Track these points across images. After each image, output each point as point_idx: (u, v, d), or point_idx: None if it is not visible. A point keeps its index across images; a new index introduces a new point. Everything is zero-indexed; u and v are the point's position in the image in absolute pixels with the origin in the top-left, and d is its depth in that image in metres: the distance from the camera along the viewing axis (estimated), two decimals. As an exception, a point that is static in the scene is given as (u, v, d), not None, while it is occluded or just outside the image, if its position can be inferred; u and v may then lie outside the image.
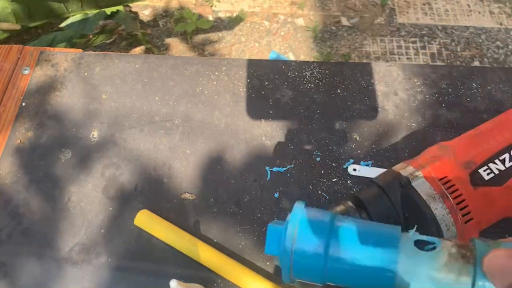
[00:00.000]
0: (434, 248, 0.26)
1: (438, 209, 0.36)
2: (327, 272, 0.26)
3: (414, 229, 0.27)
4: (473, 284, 0.23)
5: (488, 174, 0.38)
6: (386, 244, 0.26)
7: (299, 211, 0.28)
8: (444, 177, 0.37)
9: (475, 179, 0.37)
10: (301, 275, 0.28)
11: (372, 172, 0.47)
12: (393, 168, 0.41)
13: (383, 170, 0.47)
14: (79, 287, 0.43)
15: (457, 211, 0.36)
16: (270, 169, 0.48)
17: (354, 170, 0.47)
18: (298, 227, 0.27)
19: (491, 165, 0.38)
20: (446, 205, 0.36)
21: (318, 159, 0.48)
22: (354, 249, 0.26)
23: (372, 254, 0.26)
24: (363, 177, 0.47)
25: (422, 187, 0.37)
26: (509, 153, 0.38)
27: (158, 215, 0.46)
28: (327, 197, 0.46)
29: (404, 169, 0.39)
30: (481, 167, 0.38)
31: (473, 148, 0.40)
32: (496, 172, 0.38)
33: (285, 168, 0.48)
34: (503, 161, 0.38)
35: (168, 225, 0.44)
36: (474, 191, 0.37)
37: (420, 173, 0.38)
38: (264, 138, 0.50)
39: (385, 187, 0.38)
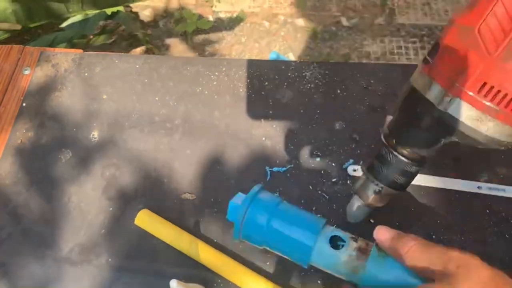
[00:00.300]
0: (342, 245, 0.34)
1: (482, 130, 0.30)
2: (265, 237, 0.36)
3: (334, 226, 0.36)
4: (358, 280, 0.33)
5: None
6: (310, 227, 0.35)
7: (254, 191, 0.37)
8: (480, 79, 0.28)
9: None
10: (247, 234, 0.37)
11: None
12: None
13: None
14: (79, 287, 0.43)
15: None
16: (270, 169, 0.48)
17: (354, 170, 0.47)
18: (251, 203, 0.36)
19: None
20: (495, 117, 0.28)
21: (318, 159, 0.49)
22: (287, 225, 0.35)
23: (299, 232, 0.35)
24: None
25: (460, 111, 0.30)
26: None
27: (158, 215, 0.46)
28: (327, 197, 0.46)
29: (433, 90, 0.31)
30: None
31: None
32: None
33: (285, 168, 0.48)
34: None
35: (168, 225, 0.44)
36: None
37: (455, 97, 0.30)
38: (264, 139, 0.50)
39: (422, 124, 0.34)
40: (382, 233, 0.33)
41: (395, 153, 0.35)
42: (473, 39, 0.24)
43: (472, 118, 0.28)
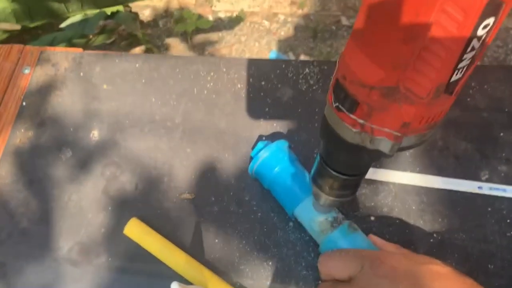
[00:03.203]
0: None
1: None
2: (271, 179, 0.44)
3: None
4: (323, 239, 0.40)
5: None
6: (307, 186, 0.42)
7: (281, 144, 0.45)
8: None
9: None
10: (258, 175, 0.45)
11: (370, 172, 0.47)
12: None
13: (381, 170, 0.47)
14: (79, 287, 0.43)
15: None
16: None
17: None
18: (268, 154, 0.44)
19: None
20: None
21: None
22: (291, 177, 0.43)
23: (295, 190, 0.43)
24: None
25: None
26: None
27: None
28: (328, 196, 0.46)
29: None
30: None
31: None
32: None
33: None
34: None
35: (154, 238, 0.44)
36: None
37: None
38: (264, 138, 0.50)
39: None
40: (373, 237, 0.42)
41: (327, 168, 0.33)
42: (399, 93, 0.24)
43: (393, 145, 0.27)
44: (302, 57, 1.40)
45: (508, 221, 0.44)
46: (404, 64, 0.22)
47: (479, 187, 0.46)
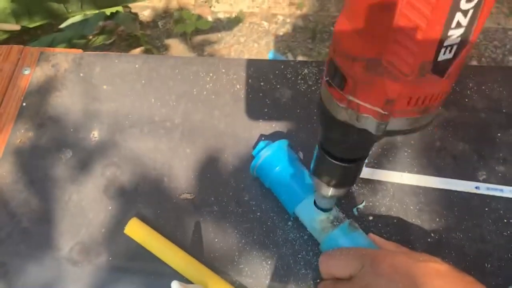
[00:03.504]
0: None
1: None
2: (271, 178, 0.44)
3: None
4: (324, 238, 0.41)
5: None
6: (309, 185, 0.43)
7: (281, 144, 0.45)
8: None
9: None
10: (259, 174, 0.46)
11: (368, 172, 0.47)
12: None
13: (379, 170, 0.48)
14: (79, 287, 0.43)
15: None
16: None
17: None
18: (269, 153, 0.44)
19: None
20: None
21: (317, 158, 0.49)
22: (292, 176, 0.43)
23: (296, 189, 0.43)
24: (361, 177, 0.47)
25: None
26: None
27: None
28: (326, 196, 0.46)
29: None
30: None
31: None
32: None
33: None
34: None
35: (155, 238, 0.44)
36: None
37: None
38: (263, 138, 0.50)
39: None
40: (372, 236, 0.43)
41: (325, 156, 0.33)
42: (382, 67, 0.23)
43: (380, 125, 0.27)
44: (301, 58, 1.41)
45: (505, 221, 0.44)
46: (383, 34, 0.22)
47: (477, 187, 0.46)
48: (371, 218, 0.45)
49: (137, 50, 1.44)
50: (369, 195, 0.46)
